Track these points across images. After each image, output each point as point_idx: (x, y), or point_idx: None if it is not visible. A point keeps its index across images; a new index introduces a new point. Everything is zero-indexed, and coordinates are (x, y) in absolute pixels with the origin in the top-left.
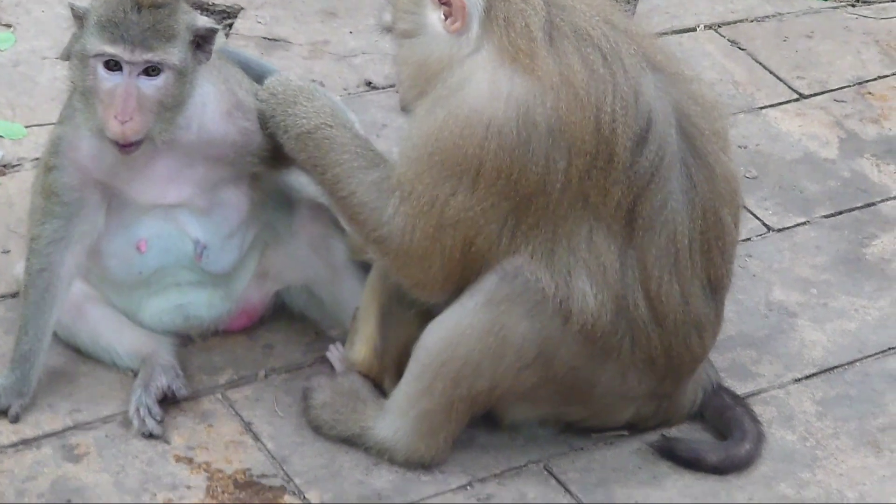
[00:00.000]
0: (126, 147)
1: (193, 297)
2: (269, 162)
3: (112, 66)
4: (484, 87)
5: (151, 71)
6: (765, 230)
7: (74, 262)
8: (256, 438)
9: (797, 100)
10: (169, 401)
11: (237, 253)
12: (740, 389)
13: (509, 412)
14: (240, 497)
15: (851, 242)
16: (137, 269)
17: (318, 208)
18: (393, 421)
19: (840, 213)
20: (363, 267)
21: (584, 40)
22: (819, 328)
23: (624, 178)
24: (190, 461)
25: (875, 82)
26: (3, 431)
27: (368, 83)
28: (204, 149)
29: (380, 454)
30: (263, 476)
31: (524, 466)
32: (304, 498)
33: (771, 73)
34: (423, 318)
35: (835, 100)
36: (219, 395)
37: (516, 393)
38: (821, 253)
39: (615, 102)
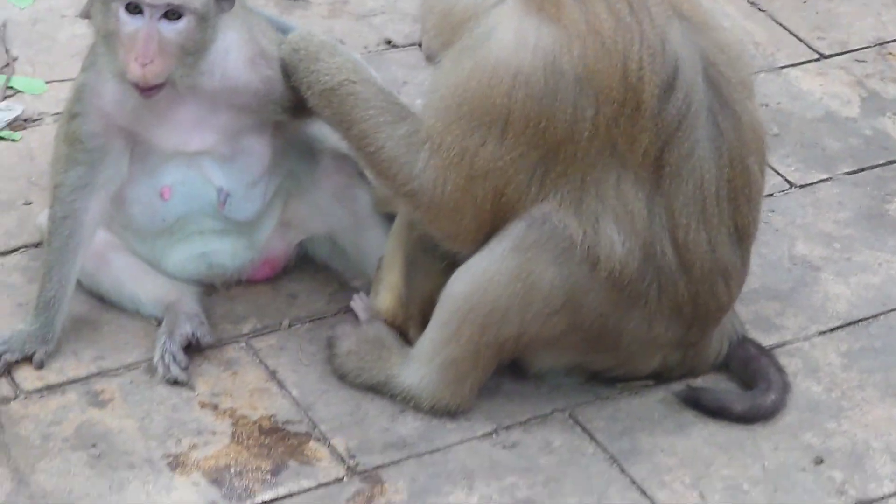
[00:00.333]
0: (147, 91)
1: (217, 246)
2: (292, 111)
3: (133, 10)
4: (510, 37)
5: (172, 15)
6: (787, 186)
7: (98, 210)
8: (281, 386)
9: (818, 60)
10: (193, 348)
11: (260, 201)
12: (765, 341)
13: (535, 360)
14: (265, 443)
15: (874, 199)
16: (161, 217)
17: (342, 158)
18: (418, 368)
19: (862, 171)
20: (387, 217)
21: None
22: (843, 282)
23: (651, 126)
24: (215, 407)
25: None
26: (28, 377)
27: (388, 42)
28: (227, 96)
29: (405, 401)
30: (289, 422)
31: (550, 415)
32: (330, 444)
33: (791, 34)
34: (449, 267)
35: (855, 60)
36: (243, 344)
37: (543, 340)
38: (843, 209)
39: (642, 50)
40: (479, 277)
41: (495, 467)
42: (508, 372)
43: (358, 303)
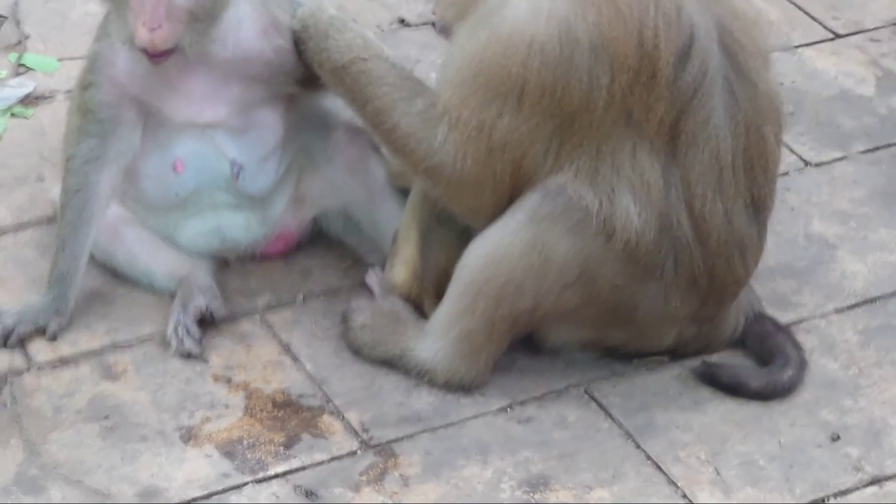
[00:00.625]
0: (156, 57)
1: (230, 220)
2: (305, 82)
3: None
4: (524, 5)
5: None
6: (802, 165)
7: (111, 182)
8: (295, 360)
9: (832, 39)
10: (207, 322)
11: (273, 175)
12: (781, 319)
13: (550, 335)
14: (278, 416)
15: (889, 177)
16: (173, 190)
17: (356, 132)
18: (433, 342)
19: (877, 149)
20: (402, 191)
21: None
22: (859, 259)
23: (667, 94)
24: (228, 381)
25: None
26: (41, 350)
27: (401, 20)
28: (239, 66)
29: (420, 376)
30: (302, 396)
31: (564, 390)
32: (344, 418)
33: (805, 14)
34: (464, 240)
35: (871, 39)
36: (257, 318)
37: (558, 313)
38: (859, 187)
39: (657, 17)
40: (494, 250)
41: (510, 442)
42: (523, 348)
43: (373, 277)
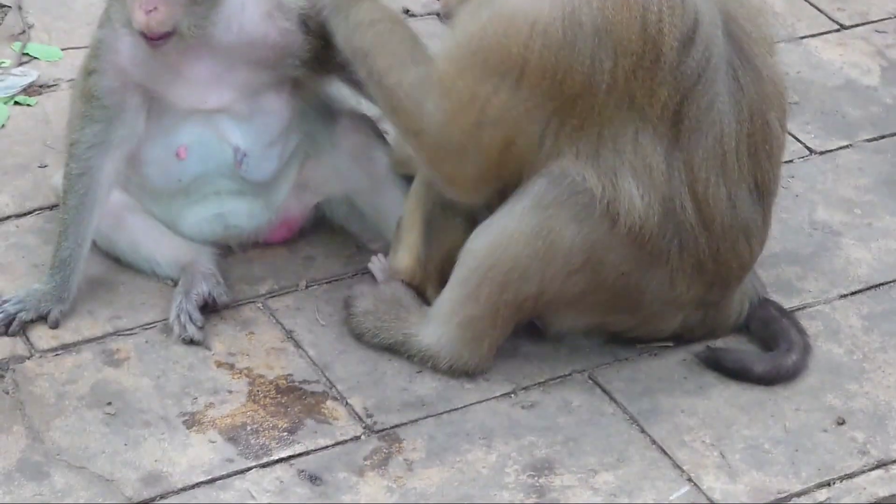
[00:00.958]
0: (154, 40)
1: (233, 207)
2: (311, 65)
3: None
4: None
5: None
6: (807, 153)
7: (114, 168)
8: (298, 346)
9: (838, 30)
10: (209, 308)
11: (277, 162)
12: (786, 304)
13: (555, 321)
14: (282, 401)
15: (894, 165)
16: (177, 177)
17: (360, 119)
18: (437, 327)
19: (883, 138)
20: (405, 178)
21: None
22: (864, 246)
23: (670, 79)
24: (231, 367)
25: None
26: (43, 336)
27: (406, 11)
28: (244, 51)
29: (423, 361)
30: (305, 382)
31: (569, 376)
32: (347, 403)
33: (811, 5)
34: (468, 227)
35: (876, 31)
36: (259, 305)
37: (563, 299)
38: (863, 175)
39: (661, 2)
40: (499, 235)
41: (514, 427)
42: (526, 334)
43: (376, 264)
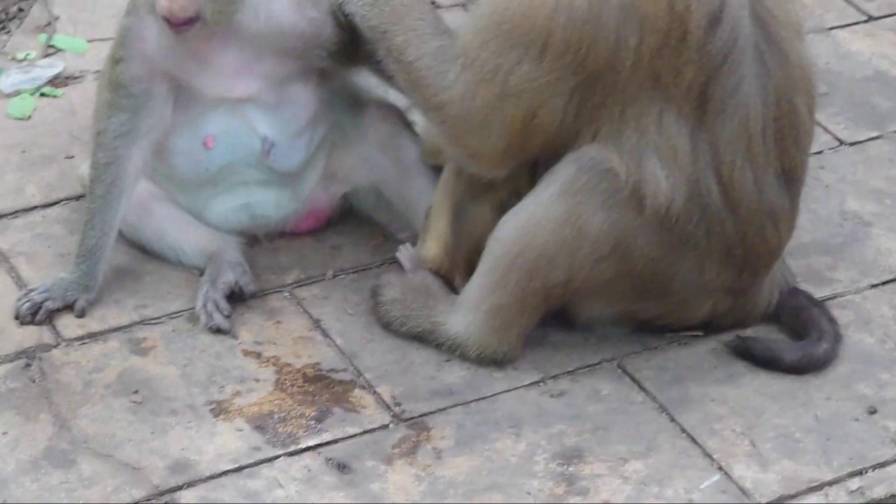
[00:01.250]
0: (177, 26)
1: (260, 197)
2: (338, 56)
3: None
4: None
5: None
6: (837, 143)
7: (141, 157)
8: (325, 335)
9: (866, 21)
10: (236, 297)
11: (305, 152)
12: (816, 294)
13: (583, 309)
14: (309, 390)
15: None
16: (204, 166)
17: (388, 108)
18: (465, 315)
19: None
20: (433, 167)
21: None
22: (895, 237)
23: (696, 59)
24: (258, 355)
25: None
26: (70, 325)
27: (432, 2)
28: (272, 40)
29: (451, 350)
30: (333, 370)
31: (597, 365)
32: (375, 392)
33: None
34: (496, 215)
35: None
36: (287, 294)
37: (592, 287)
38: (894, 166)
39: None
40: (527, 222)
41: (543, 415)
42: (555, 323)
43: (403, 253)
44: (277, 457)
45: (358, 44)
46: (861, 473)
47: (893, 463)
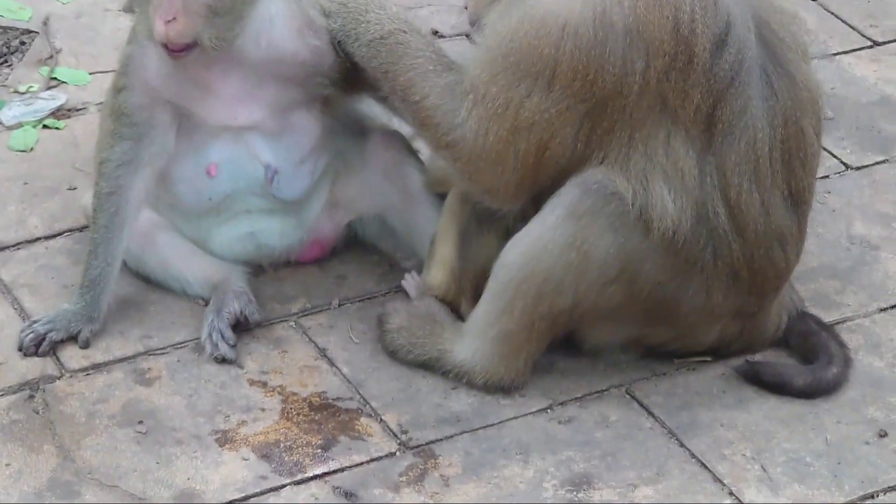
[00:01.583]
0: (175, 52)
1: (264, 225)
2: (340, 84)
3: None
4: None
5: None
6: (843, 168)
7: (144, 186)
8: (331, 363)
9: (871, 47)
10: (241, 326)
11: (308, 180)
12: (825, 318)
13: (591, 335)
14: (315, 419)
15: None
16: (207, 195)
17: (391, 136)
18: (471, 342)
19: None
20: (437, 196)
21: None
22: None
23: (703, 81)
24: (264, 385)
25: None
26: (74, 356)
27: (435, 32)
28: (274, 67)
29: (458, 377)
30: (339, 399)
31: (606, 391)
32: (381, 420)
33: (843, 22)
34: (502, 241)
35: None
36: (292, 323)
37: (599, 312)
38: None
39: (694, 2)
40: (533, 246)
41: (551, 442)
42: (562, 349)
43: (409, 281)
44: (284, 485)
45: (361, 73)
46: (872, 497)
47: None
